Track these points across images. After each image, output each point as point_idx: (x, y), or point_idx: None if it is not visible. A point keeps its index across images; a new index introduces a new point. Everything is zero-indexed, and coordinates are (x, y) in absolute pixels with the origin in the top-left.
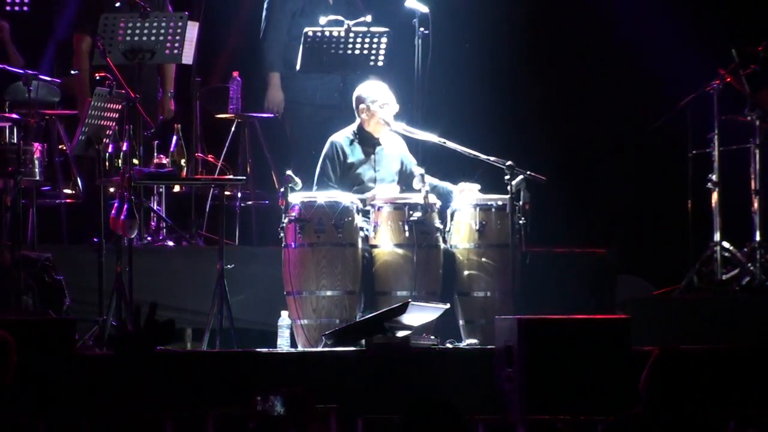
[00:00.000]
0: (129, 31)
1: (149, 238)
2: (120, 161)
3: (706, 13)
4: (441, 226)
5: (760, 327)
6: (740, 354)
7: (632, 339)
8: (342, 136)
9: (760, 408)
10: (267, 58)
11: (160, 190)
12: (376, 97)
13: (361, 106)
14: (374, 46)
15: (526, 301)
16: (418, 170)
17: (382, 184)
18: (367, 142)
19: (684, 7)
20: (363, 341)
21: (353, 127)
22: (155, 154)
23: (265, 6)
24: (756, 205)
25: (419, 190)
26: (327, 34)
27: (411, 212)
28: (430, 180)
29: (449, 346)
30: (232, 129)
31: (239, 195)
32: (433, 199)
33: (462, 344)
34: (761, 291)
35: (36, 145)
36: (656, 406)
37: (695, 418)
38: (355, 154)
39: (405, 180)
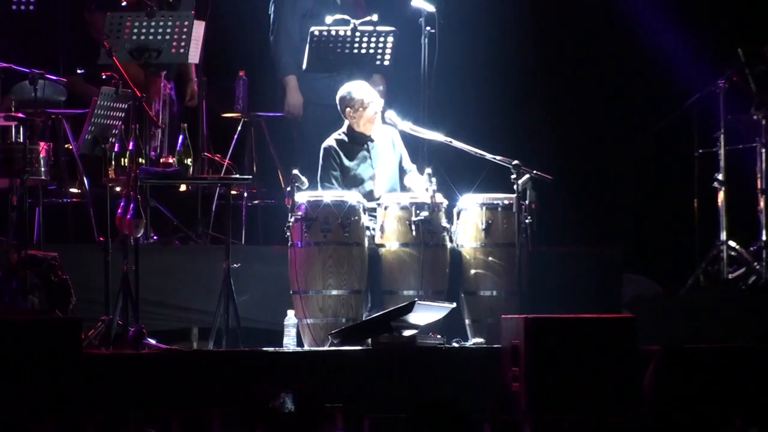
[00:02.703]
0: (135, 30)
1: (155, 237)
2: (126, 160)
3: (713, 12)
4: (447, 226)
5: (767, 326)
6: (746, 353)
7: (638, 338)
8: (333, 141)
9: (764, 408)
10: (281, 61)
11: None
12: (360, 97)
13: (347, 109)
14: (380, 45)
15: (532, 300)
16: (426, 170)
17: (378, 182)
18: (359, 141)
19: (690, 6)
20: (369, 340)
21: (343, 129)
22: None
23: (272, 9)
24: (762, 204)
25: (408, 187)
26: (333, 33)
27: (417, 211)
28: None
29: (455, 345)
30: (239, 128)
31: (245, 194)
32: (439, 198)
33: (468, 343)
34: (767, 290)
35: (42, 144)
36: (660, 404)
37: (699, 416)
38: (349, 156)
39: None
